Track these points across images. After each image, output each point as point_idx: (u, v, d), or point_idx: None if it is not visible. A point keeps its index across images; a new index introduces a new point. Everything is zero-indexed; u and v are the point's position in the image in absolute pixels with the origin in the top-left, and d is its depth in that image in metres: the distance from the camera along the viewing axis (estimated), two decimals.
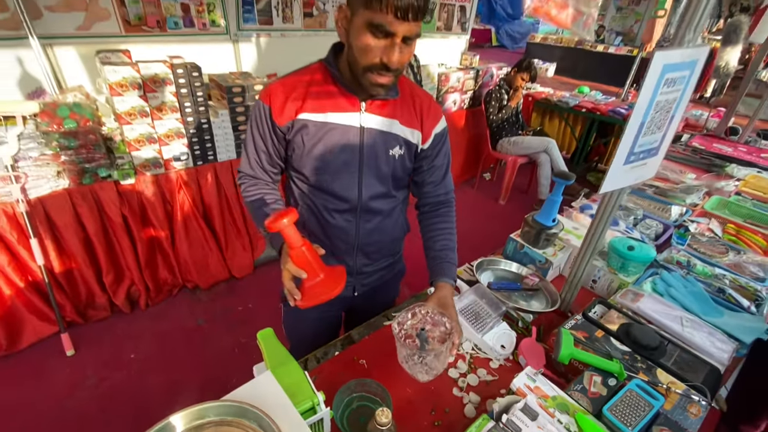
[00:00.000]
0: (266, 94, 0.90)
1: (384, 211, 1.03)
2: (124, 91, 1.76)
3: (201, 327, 2.12)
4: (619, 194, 0.98)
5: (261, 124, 0.92)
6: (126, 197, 1.96)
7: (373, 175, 0.96)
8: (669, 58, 0.76)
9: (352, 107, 0.89)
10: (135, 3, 2.19)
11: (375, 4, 0.71)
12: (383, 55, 0.77)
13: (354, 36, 0.78)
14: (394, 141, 0.94)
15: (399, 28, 0.73)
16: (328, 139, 0.90)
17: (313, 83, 0.89)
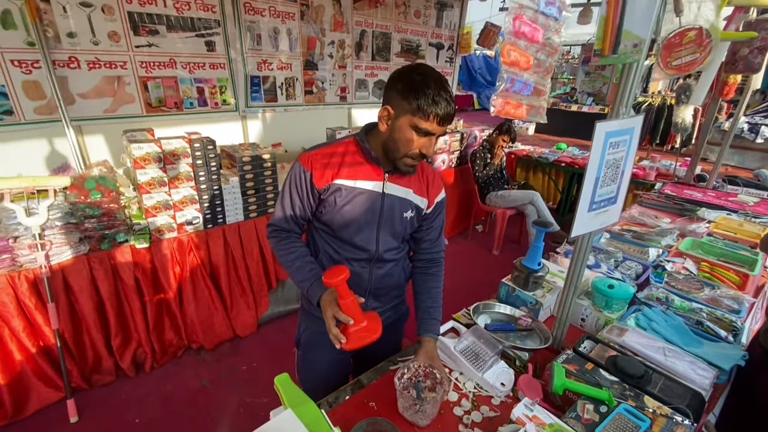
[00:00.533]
0: (307, 160, 1.07)
1: (394, 260, 1.21)
2: (146, 164, 1.95)
3: (206, 388, 2.12)
4: (589, 237, 1.13)
5: (300, 184, 1.08)
6: (140, 260, 2.07)
7: (389, 232, 1.15)
8: (609, 127, 0.96)
9: (378, 177, 1.09)
10: (156, 88, 2.49)
11: (423, 115, 0.94)
12: (422, 148, 1.00)
13: (398, 131, 0.99)
14: (407, 206, 1.15)
15: (438, 130, 0.98)
16: (356, 200, 1.08)
17: (347, 154, 1.09)
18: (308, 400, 0.95)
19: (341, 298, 0.96)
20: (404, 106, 0.96)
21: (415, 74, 0.96)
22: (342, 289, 0.94)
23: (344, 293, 0.95)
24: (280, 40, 2.93)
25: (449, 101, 0.96)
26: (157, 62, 2.45)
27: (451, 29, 4.09)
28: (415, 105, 0.94)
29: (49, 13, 2.04)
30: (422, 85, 0.94)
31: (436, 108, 0.94)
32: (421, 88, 0.94)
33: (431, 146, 1.01)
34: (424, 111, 0.94)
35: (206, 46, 2.62)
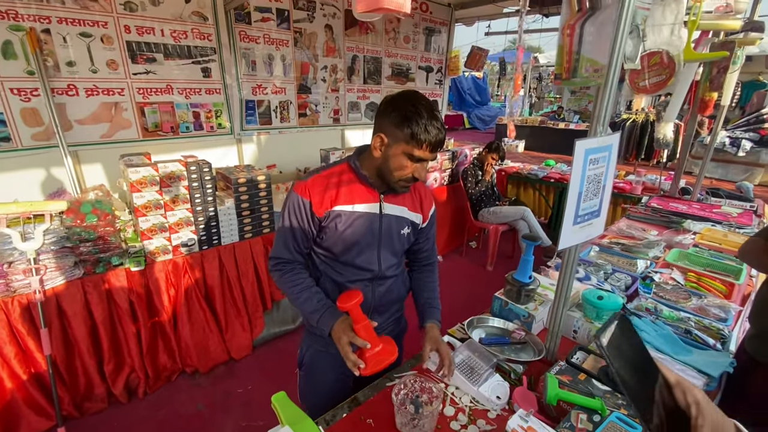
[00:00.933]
0: (304, 189, 1.10)
1: (394, 275, 1.26)
2: (142, 187, 1.98)
3: (201, 412, 2.09)
4: (576, 250, 1.17)
5: (300, 214, 1.11)
6: (134, 283, 2.07)
7: (389, 251, 1.20)
8: (588, 145, 1.01)
9: (374, 198, 1.13)
10: (153, 113, 2.55)
11: (417, 143, 0.99)
12: (415, 173, 1.06)
13: (392, 158, 1.04)
14: (404, 223, 1.20)
15: (430, 157, 1.04)
16: (356, 224, 1.12)
17: (342, 179, 1.12)
18: (306, 418, 0.95)
19: (356, 323, 0.98)
20: (398, 134, 1.01)
21: (407, 104, 1.00)
22: (356, 313, 0.96)
23: (359, 317, 0.97)
24: (274, 66, 3.02)
25: (440, 129, 1.01)
26: (154, 88, 2.52)
27: (439, 53, 4.24)
28: (409, 134, 0.99)
29: (49, 44, 2.10)
30: (415, 115, 0.98)
31: (429, 136, 0.99)
32: (414, 118, 0.98)
33: (424, 170, 1.07)
34: (418, 140, 0.99)
35: (202, 72, 2.69)
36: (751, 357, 1.15)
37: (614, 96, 1.00)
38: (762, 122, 7.35)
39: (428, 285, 1.32)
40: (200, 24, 2.59)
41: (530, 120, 10.93)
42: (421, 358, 1.18)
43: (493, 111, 14.20)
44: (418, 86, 4.16)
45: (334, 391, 1.30)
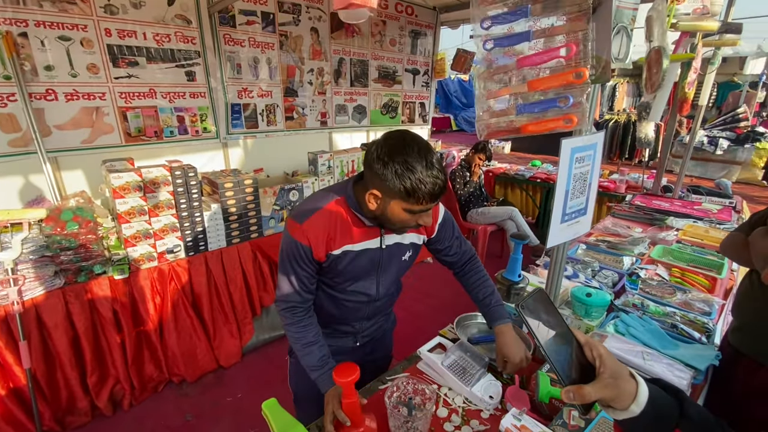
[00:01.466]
0: (303, 236, 1.03)
1: (391, 294, 1.28)
2: (126, 193, 1.93)
3: (189, 423, 2.04)
4: (564, 248, 1.18)
5: (301, 261, 1.06)
6: (118, 292, 2.01)
7: (388, 276, 1.19)
8: (574, 143, 1.03)
9: (375, 234, 1.10)
10: (136, 117, 2.50)
11: (416, 200, 0.92)
12: (418, 220, 0.99)
13: (391, 212, 0.97)
14: (405, 249, 1.17)
15: (430, 205, 0.96)
16: (357, 260, 1.10)
17: (340, 219, 1.05)
18: (297, 424, 0.94)
19: (345, 398, 0.97)
20: (392, 191, 0.92)
21: (397, 157, 0.90)
22: (348, 390, 0.95)
23: (349, 393, 0.96)
24: (260, 69, 3.00)
25: (438, 175, 0.91)
26: (136, 93, 2.46)
27: (425, 56, 4.27)
28: (404, 191, 0.90)
29: (26, 47, 2.04)
30: (407, 173, 0.89)
31: (426, 189, 0.90)
32: (407, 175, 0.89)
33: (429, 217, 1.01)
34: (416, 196, 0.91)
35: (186, 76, 2.65)
36: (734, 349, 1.18)
37: (601, 96, 1.01)
38: (738, 121, 7.61)
39: (479, 282, 1.28)
40: (183, 27, 2.55)
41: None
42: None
43: None
44: (405, 88, 4.18)
45: None
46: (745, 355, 1.14)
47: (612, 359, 0.60)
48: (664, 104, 2.23)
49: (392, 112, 4.13)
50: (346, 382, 0.93)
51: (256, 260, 2.52)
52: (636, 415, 0.56)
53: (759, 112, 8.47)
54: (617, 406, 0.57)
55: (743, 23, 2.31)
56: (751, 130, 7.35)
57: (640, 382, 0.59)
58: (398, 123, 4.25)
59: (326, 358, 1.10)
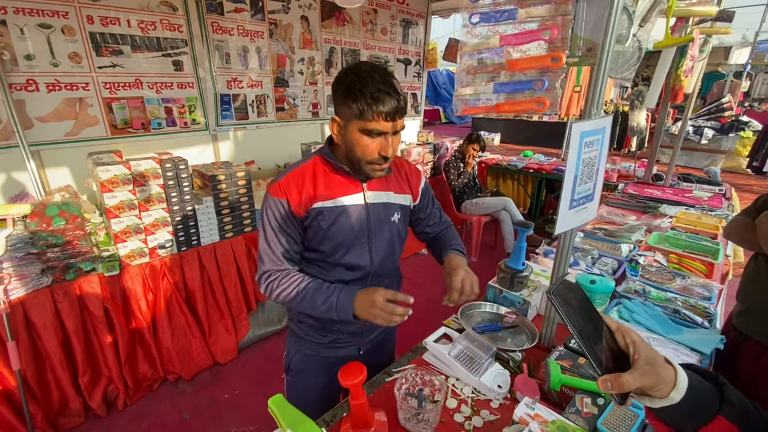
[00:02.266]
0: (279, 190, 0.99)
1: (389, 271, 1.19)
2: (114, 187, 1.86)
3: (186, 422, 2.00)
4: (571, 234, 1.17)
5: (280, 218, 1.00)
6: (109, 289, 1.95)
7: (381, 242, 1.11)
8: (584, 127, 1.00)
9: (356, 188, 1.05)
10: (122, 109, 2.41)
11: (366, 116, 0.89)
12: (381, 150, 0.95)
13: (351, 140, 0.95)
14: (392, 209, 1.12)
15: (388, 127, 0.92)
16: (341, 219, 1.03)
17: (318, 173, 1.03)
18: (307, 420, 0.91)
19: (353, 399, 0.93)
20: (348, 112, 0.92)
21: (351, 75, 0.91)
22: (357, 391, 0.92)
23: (358, 395, 0.92)
24: (249, 59, 2.92)
25: (392, 93, 0.90)
26: (121, 83, 2.37)
27: (417, 45, 4.22)
28: (357, 109, 0.89)
29: (5, 36, 1.94)
30: (358, 86, 0.88)
31: (379, 105, 0.88)
32: (358, 89, 0.88)
33: (390, 145, 0.95)
34: (367, 112, 0.88)
35: (173, 65, 2.56)
36: (739, 332, 1.19)
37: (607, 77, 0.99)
38: (722, 111, 7.74)
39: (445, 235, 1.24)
40: (169, 14, 2.46)
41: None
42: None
43: None
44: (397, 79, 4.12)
45: (324, 395, 1.24)
46: (750, 337, 1.15)
47: (645, 345, 0.58)
48: (659, 90, 2.24)
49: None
50: (354, 384, 0.90)
51: (250, 254, 2.47)
52: (676, 402, 0.53)
53: (743, 102, 8.64)
54: (656, 394, 0.55)
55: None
56: (735, 119, 7.50)
57: (678, 368, 0.57)
58: None
59: (329, 286, 1.02)
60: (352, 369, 0.92)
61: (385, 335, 1.30)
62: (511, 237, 3.67)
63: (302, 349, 1.21)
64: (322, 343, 1.19)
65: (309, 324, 1.18)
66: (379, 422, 1.00)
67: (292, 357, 1.25)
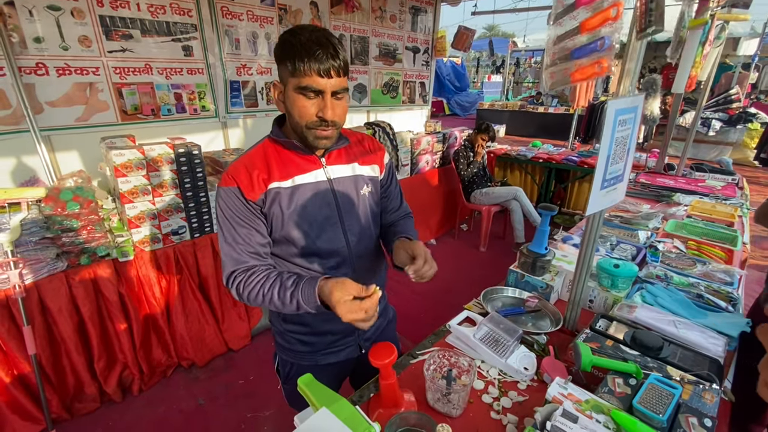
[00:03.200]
0: (228, 178, 0.91)
1: (371, 251, 1.11)
2: (128, 171, 1.84)
3: (202, 407, 2.00)
4: (600, 216, 1.15)
5: (235, 208, 0.91)
6: (123, 275, 1.94)
7: (353, 219, 1.02)
8: (619, 105, 0.98)
9: (314, 164, 0.96)
10: (132, 94, 2.38)
11: (299, 71, 0.82)
12: (320, 112, 0.86)
13: (290, 103, 0.87)
14: (361, 181, 1.03)
15: (325, 84, 0.84)
16: (303, 199, 0.94)
17: (270, 155, 0.94)
18: (340, 398, 0.90)
19: (383, 379, 0.90)
20: (284, 73, 0.86)
21: (287, 35, 0.85)
22: (387, 371, 0.89)
23: (387, 374, 0.90)
24: (258, 45, 2.88)
25: (326, 47, 0.81)
26: (131, 68, 2.34)
27: (426, 33, 4.16)
28: (291, 66, 0.82)
29: (14, 18, 1.91)
30: (291, 41, 0.82)
31: (310, 59, 0.80)
32: (291, 45, 0.82)
33: (328, 106, 0.86)
34: (299, 68, 0.81)
35: (183, 50, 2.53)
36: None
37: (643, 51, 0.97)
38: (730, 102, 7.67)
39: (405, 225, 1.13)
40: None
41: (510, 104, 11.02)
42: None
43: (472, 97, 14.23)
44: (405, 67, 4.08)
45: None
46: None
47: None
48: (687, 73, 2.19)
49: (393, 92, 4.04)
50: (385, 364, 0.88)
51: None
52: None
53: (750, 93, 8.55)
54: None
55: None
56: (743, 111, 7.42)
57: None
58: (398, 103, 4.16)
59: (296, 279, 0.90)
60: (382, 348, 0.91)
61: (384, 329, 1.25)
62: (521, 227, 3.65)
63: (297, 361, 1.14)
64: (315, 351, 1.12)
65: (293, 334, 1.10)
66: (409, 402, 0.99)
67: (288, 370, 1.17)
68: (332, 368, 1.14)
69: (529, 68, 14.95)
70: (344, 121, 0.93)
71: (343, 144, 1.01)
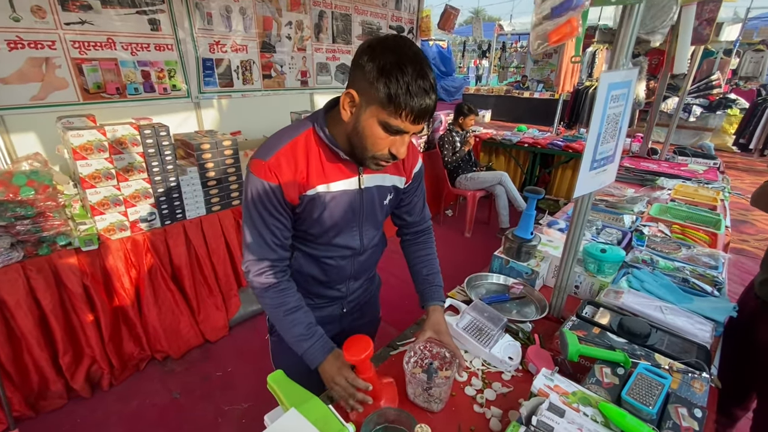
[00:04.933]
0: (269, 172, 0.85)
1: (377, 243, 1.13)
2: (88, 154, 1.71)
3: (177, 401, 1.92)
4: (589, 199, 1.10)
5: (271, 206, 0.88)
6: (88, 265, 1.82)
7: (371, 225, 1.04)
8: (612, 78, 0.91)
9: (352, 172, 0.93)
10: (93, 71, 2.20)
11: (395, 112, 0.74)
12: (392, 148, 0.81)
13: (364, 125, 0.79)
14: (386, 192, 1.02)
15: (412, 129, 0.79)
16: (334, 204, 0.93)
17: (311, 153, 0.88)
18: (312, 397, 0.84)
19: (360, 374, 0.86)
20: (372, 94, 0.75)
21: (389, 54, 0.74)
22: (365, 366, 0.84)
23: (365, 369, 0.85)
24: (233, 20, 2.71)
25: (429, 92, 0.75)
26: (92, 42, 2.16)
27: (410, 12, 4.01)
28: (385, 95, 0.73)
29: None
30: (396, 71, 0.72)
31: (412, 101, 0.73)
32: (395, 75, 0.72)
33: (404, 146, 0.82)
34: (397, 104, 0.73)
35: (150, 24, 2.35)
36: (762, 301, 1.15)
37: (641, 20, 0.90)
38: (711, 88, 7.76)
39: (426, 259, 1.16)
40: None
41: (496, 89, 10.94)
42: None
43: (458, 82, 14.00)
44: None
45: None
46: None
47: None
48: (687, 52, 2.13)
49: None
50: (361, 360, 0.82)
51: (239, 229, 2.35)
52: None
53: (731, 80, 8.67)
54: None
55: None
56: (723, 97, 7.52)
57: None
58: None
59: (313, 326, 0.96)
60: (356, 343, 0.84)
61: (368, 298, 1.24)
62: (506, 212, 3.63)
63: None
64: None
65: None
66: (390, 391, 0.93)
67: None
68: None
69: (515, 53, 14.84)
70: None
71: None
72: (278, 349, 1.20)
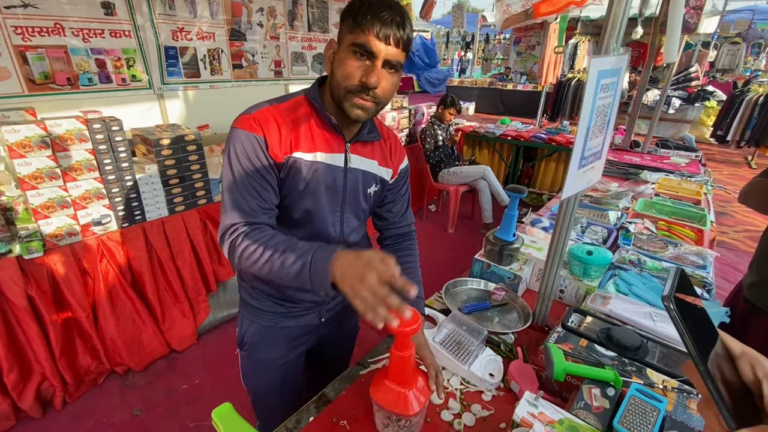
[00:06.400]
0: (256, 123, 0.79)
1: (358, 242, 1.03)
2: (27, 151, 1.53)
3: (138, 418, 1.78)
4: (576, 199, 1.00)
5: (255, 156, 0.79)
6: (32, 275, 1.65)
7: (353, 212, 0.96)
8: (602, 65, 0.81)
9: (338, 148, 0.88)
10: (40, 59, 2.01)
11: (358, 27, 0.74)
12: (364, 77, 0.76)
13: (338, 61, 0.79)
14: (372, 180, 0.96)
15: (380, 48, 0.74)
16: (316, 179, 0.86)
17: (300, 117, 0.84)
18: None
19: (396, 349, 0.73)
20: (344, 30, 0.78)
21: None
22: (404, 341, 0.72)
23: (404, 344, 0.73)
24: (198, 5, 2.52)
25: (394, 11, 0.74)
26: (37, 27, 1.96)
27: None
28: (351, 21, 0.75)
29: None
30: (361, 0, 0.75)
31: (374, 17, 0.72)
32: (360, 1, 0.75)
33: (376, 73, 0.76)
34: (360, 23, 0.73)
35: (103, 8, 2.15)
36: (752, 305, 1.09)
37: None
38: (689, 80, 7.84)
39: (409, 267, 1.06)
40: None
41: (479, 81, 10.88)
42: None
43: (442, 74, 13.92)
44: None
45: (285, 370, 1.08)
46: (764, 311, 1.04)
47: None
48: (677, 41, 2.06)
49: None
50: (403, 332, 0.68)
51: (206, 230, 2.20)
52: None
53: (709, 72, 8.79)
54: None
55: None
56: (701, 89, 7.61)
57: None
58: None
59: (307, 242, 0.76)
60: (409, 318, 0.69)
61: (346, 305, 1.12)
62: (489, 207, 3.55)
63: (257, 320, 1.04)
64: (279, 312, 1.02)
65: (263, 291, 1.00)
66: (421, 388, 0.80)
67: (245, 330, 1.07)
68: (290, 332, 1.05)
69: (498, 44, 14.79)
70: (388, 100, 0.84)
71: (374, 138, 0.94)
72: (249, 366, 1.10)
